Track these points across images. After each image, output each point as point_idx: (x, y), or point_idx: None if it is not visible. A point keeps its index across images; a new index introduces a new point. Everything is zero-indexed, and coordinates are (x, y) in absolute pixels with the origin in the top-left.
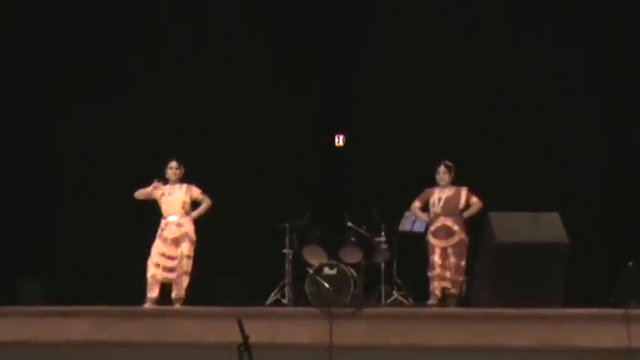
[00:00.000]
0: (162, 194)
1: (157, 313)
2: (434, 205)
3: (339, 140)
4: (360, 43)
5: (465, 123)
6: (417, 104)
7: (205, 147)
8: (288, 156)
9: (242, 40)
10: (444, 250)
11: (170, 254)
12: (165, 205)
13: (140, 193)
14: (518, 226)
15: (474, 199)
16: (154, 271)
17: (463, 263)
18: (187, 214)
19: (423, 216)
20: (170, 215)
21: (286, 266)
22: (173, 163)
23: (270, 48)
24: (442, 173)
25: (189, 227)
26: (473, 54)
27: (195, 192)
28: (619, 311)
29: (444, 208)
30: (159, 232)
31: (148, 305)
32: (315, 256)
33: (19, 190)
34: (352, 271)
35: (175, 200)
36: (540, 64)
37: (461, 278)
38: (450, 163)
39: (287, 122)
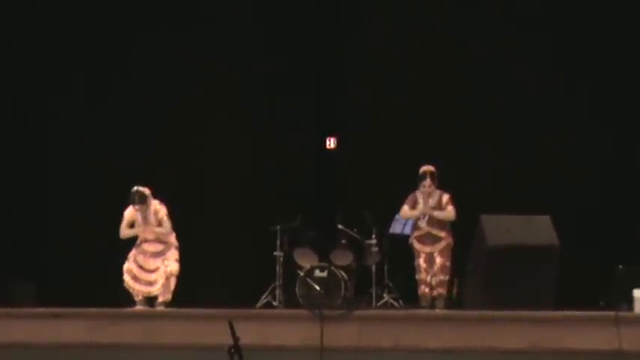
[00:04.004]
0: (138, 219)
1: (149, 315)
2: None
3: (331, 143)
4: (351, 45)
5: (456, 126)
6: (408, 107)
7: (198, 150)
8: (280, 158)
9: (232, 42)
10: (429, 255)
11: (148, 266)
12: (141, 232)
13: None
14: (510, 229)
15: (449, 208)
16: (132, 283)
17: (449, 264)
18: (165, 227)
19: (416, 213)
20: (149, 237)
21: (277, 269)
22: (136, 207)
23: (261, 50)
24: (427, 186)
25: (170, 239)
26: (465, 57)
27: (161, 214)
28: (609, 314)
29: (429, 218)
30: (137, 242)
31: (138, 307)
32: (305, 259)
33: (10, 191)
34: (343, 273)
35: (150, 226)
36: (532, 67)
37: (446, 278)
38: (434, 171)
39: (278, 125)
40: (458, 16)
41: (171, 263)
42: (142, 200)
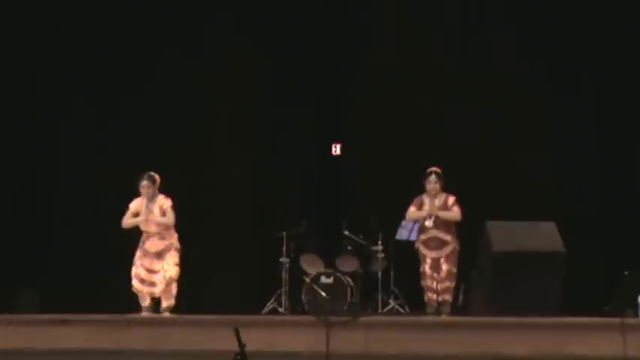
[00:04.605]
0: (139, 213)
1: (154, 322)
2: (424, 218)
3: (336, 149)
4: (356, 52)
5: (462, 132)
6: (413, 113)
7: (203, 156)
8: (285, 165)
9: (239, 50)
10: (435, 260)
11: (153, 267)
12: (144, 223)
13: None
14: (516, 235)
15: (455, 208)
16: (140, 286)
17: (455, 270)
18: (168, 227)
19: (424, 213)
20: (151, 230)
21: (283, 275)
22: (143, 183)
23: (267, 58)
24: (433, 183)
25: (173, 238)
26: (467, 63)
27: (165, 204)
28: (615, 320)
29: (435, 220)
30: (140, 243)
31: (144, 314)
32: (312, 265)
33: (13, 196)
34: (349, 279)
35: (153, 218)
36: (535, 72)
37: (453, 284)
38: (439, 171)
39: (284, 131)
40: (460, 20)
41: (170, 268)
42: (151, 180)
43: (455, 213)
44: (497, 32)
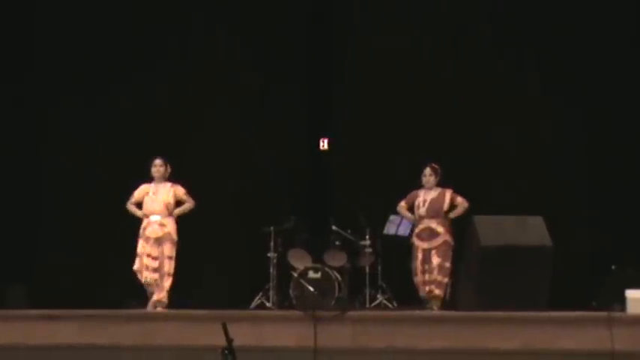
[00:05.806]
0: (147, 194)
1: (143, 317)
2: (418, 207)
3: (324, 144)
4: (344, 46)
5: (451, 126)
6: (401, 107)
7: (190, 150)
8: (273, 159)
9: (227, 44)
10: (426, 252)
11: (153, 254)
12: (148, 204)
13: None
14: (503, 230)
15: (459, 200)
16: (151, 275)
17: (448, 265)
18: (170, 214)
19: (410, 215)
20: (153, 214)
21: (271, 270)
22: (157, 161)
23: (255, 52)
24: (428, 175)
25: (171, 227)
26: (457, 58)
27: (180, 191)
28: (602, 314)
29: (428, 210)
30: (141, 231)
31: (152, 302)
32: (299, 260)
33: (2, 193)
34: (337, 274)
35: (159, 199)
36: (526, 68)
37: (445, 280)
38: (435, 166)
39: (272, 126)
40: (452, 15)
41: (165, 262)
42: (164, 162)
43: (461, 203)
44: (488, 29)
